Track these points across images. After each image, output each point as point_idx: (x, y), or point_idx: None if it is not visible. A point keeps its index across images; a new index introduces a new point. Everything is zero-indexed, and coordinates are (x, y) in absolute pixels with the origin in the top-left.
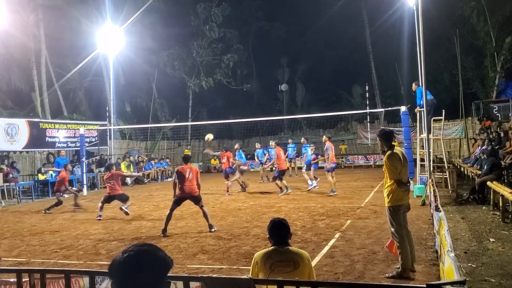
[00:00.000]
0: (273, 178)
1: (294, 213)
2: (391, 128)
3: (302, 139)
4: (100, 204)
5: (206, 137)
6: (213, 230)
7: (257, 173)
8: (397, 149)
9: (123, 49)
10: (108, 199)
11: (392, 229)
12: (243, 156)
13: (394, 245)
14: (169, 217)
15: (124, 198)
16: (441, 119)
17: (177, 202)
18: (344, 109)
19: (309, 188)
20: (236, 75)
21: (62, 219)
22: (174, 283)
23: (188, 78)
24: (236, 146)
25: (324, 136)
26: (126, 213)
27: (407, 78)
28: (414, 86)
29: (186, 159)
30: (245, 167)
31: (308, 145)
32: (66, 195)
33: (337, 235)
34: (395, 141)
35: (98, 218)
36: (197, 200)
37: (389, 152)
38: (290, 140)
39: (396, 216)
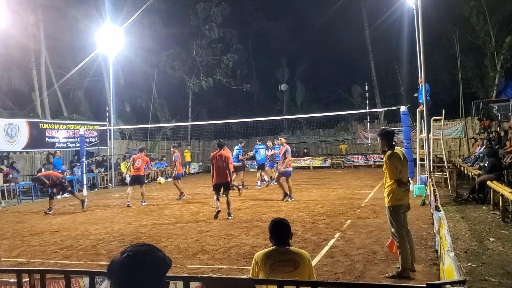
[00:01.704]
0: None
1: (294, 213)
2: (392, 128)
3: (259, 141)
4: (128, 191)
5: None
6: (230, 218)
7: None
8: (398, 149)
9: (122, 49)
10: (132, 181)
11: (392, 229)
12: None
13: (394, 245)
14: (217, 200)
15: (142, 181)
16: (441, 119)
17: (215, 188)
18: (344, 109)
19: (267, 184)
20: (236, 75)
21: (62, 220)
22: (174, 283)
23: (188, 78)
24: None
25: (282, 138)
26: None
27: (407, 78)
28: (420, 80)
29: (220, 145)
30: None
31: (262, 146)
32: (59, 196)
33: (337, 235)
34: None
35: (128, 204)
36: (225, 187)
37: (389, 152)
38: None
39: (396, 216)
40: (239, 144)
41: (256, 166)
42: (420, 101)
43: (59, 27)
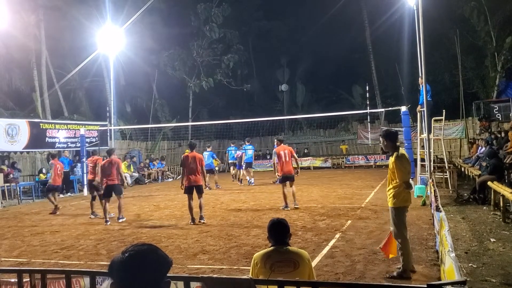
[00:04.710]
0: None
1: (294, 213)
2: (396, 129)
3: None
4: (104, 207)
5: None
6: (202, 221)
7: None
8: (402, 150)
9: (123, 50)
10: (108, 193)
11: (395, 230)
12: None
13: (389, 247)
14: (190, 208)
15: (119, 191)
16: (441, 119)
17: (187, 191)
18: (344, 109)
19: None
20: (236, 75)
21: (62, 220)
22: (174, 283)
23: (189, 78)
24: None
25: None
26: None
27: (407, 78)
28: (420, 80)
29: (192, 146)
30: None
31: (250, 146)
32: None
33: (337, 235)
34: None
35: (106, 223)
36: (198, 190)
37: (397, 153)
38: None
39: (401, 217)
40: (233, 145)
41: (244, 165)
42: (420, 104)
43: (60, 27)
